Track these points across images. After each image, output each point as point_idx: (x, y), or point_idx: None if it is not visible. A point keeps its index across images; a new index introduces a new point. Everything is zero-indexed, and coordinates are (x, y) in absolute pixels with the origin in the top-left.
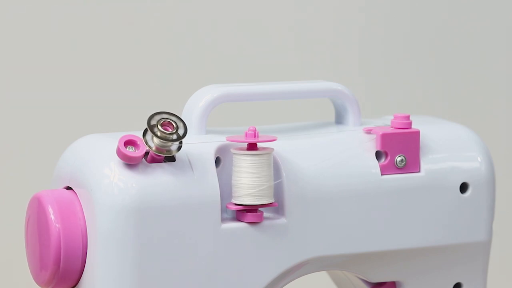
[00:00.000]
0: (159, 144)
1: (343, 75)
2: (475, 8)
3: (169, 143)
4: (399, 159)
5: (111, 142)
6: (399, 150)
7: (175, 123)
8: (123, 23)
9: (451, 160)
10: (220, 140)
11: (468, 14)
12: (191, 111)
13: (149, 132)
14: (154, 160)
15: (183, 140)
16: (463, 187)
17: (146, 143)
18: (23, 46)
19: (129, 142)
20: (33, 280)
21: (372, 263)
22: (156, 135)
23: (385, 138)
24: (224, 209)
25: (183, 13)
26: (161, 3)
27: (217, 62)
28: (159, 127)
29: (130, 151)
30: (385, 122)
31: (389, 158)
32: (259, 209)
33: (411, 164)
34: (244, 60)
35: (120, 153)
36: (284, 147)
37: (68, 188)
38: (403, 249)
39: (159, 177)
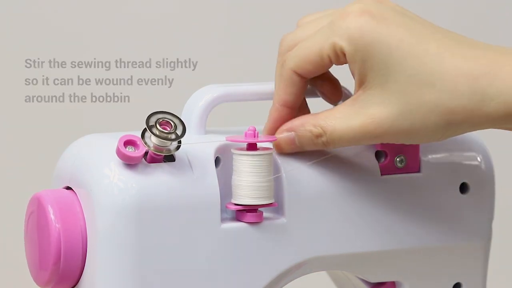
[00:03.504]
0: (157, 143)
1: (343, 75)
2: (475, 7)
3: (168, 143)
4: (398, 159)
5: (111, 142)
6: (399, 150)
7: (174, 122)
8: (124, 23)
9: (451, 160)
10: (220, 140)
11: (468, 13)
12: (191, 111)
13: (147, 132)
14: (153, 160)
15: (183, 140)
16: (463, 187)
17: (145, 143)
18: (23, 46)
19: (129, 142)
20: (33, 280)
21: (372, 263)
22: (155, 135)
23: None
24: (224, 209)
25: (183, 13)
26: (162, 3)
27: (217, 62)
28: (158, 126)
29: (130, 151)
30: None
31: (388, 158)
32: (259, 209)
33: (411, 164)
34: (244, 60)
35: (120, 153)
36: None
37: (68, 188)
38: (403, 249)
39: (159, 177)
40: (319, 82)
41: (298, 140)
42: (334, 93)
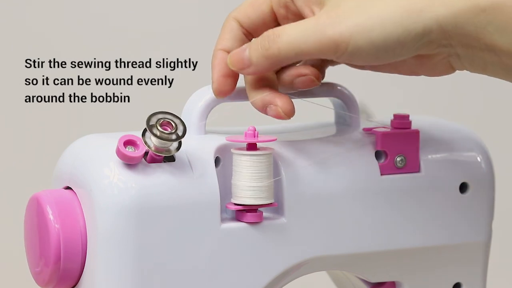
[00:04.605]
0: (158, 144)
1: (343, 75)
2: None
3: (168, 143)
4: (398, 159)
5: (111, 142)
6: (398, 150)
7: (174, 123)
8: (124, 23)
9: (451, 160)
10: (220, 140)
11: None
12: (191, 111)
13: (148, 132)
14: (153, 160)
15: (183, 140)
16: (463, 187)
17: (146, 143)
18: (23, 46)
19: (128, 142)
20: (33, 280)
21: (372, 263)
22: (155, 135)
23: (385, 138)
24: (223, 209)
25: (184, 13)
26: (162, 3)
27: None
28: (158, 127)
29: (129, 151)
30: (385, 122)
31: (388, 158)
32: (259, 209)
33: (410, 164)
34: None
35: (119, 153)
36: (284, 147)
37: (68, 188)
38: (403, 249)
39: (159, 177)
40: None
41: (249, 52)
42: None
